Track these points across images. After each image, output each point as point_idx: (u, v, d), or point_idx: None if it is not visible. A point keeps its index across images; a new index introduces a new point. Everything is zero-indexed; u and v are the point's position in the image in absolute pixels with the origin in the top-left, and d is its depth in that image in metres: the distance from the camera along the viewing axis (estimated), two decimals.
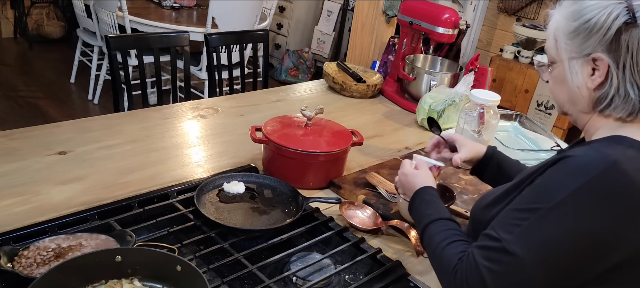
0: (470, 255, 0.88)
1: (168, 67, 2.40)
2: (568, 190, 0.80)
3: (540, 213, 0.82)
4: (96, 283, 0.97)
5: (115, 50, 2.11)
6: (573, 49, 0.88)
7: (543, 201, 0.82)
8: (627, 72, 0.83)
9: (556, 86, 0.95)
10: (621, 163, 0.79)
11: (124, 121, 1.77)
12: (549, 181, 0.84)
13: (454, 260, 0.91)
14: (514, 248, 0.82)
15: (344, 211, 1.37)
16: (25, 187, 1.33)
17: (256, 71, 2.96)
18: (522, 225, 0.83)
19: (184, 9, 4.09)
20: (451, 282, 0.90)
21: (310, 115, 1.54)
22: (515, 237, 0.82)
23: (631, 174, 0.79)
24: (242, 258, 1.14)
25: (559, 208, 0.80)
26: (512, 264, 0.82)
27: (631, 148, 0.83)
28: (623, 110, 0.86)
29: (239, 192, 1.38)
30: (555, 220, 0.80)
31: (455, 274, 0.89)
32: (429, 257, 1.02)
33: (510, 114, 2.19)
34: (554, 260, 0.81)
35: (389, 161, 1.70)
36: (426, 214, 1.06)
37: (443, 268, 0.94)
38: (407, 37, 2.27)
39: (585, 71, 0.88)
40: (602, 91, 0.87)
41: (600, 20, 0.83)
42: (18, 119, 3.69)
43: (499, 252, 0.83)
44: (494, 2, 4.12)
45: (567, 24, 0.88)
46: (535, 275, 0.81)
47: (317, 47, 5.16)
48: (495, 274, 0.83)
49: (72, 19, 4.97)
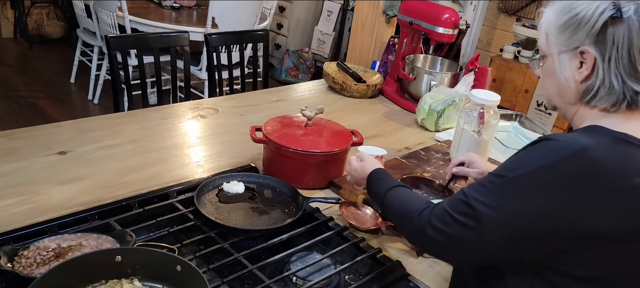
0: (440, 204, 0.96)
1: (168, 67, 2.40)
2: (533, 166, 0.85)
3: (504, 180, 0.88)
4: (96, 283, 0.97)
5: (115, 50, 2.11)
6: (562, 42, 0.92)
7: (511, 170, 0.89)
8: (612, 64, 0.87)
9: (546, 79, 1.00)
10: (589, 148, 0.83)
11: (124, 121, 1.77)
12: (522, 156, 0.90)
13: (419, 208, 0.99)
14: (477, 205, 0.88)
15: (344, 211, 1.37)
16: (25, 187, 1.33)
17: (256, 71, 2.96)
18: (488, 187, 0.89)
19: (184, 9, 4.09)
20: (415, 221, 0.98)
21: (310, 115, 1.54)
22: (480, 195, 0.89)
23: (598, 160, 0.83)
24: (242, 258, 1.14)
25: (520, 179, 0.86)
26: (473, 218, 0.88)
27: (604, 136, 0.87)
28: (607, 101, 0.90)
29: (238, 192, 1.38)
30: (513, 189, 0.86)
31: (420, 214, 0.97)
32: (392, 215, 1.10)
33: (510, 114, 2.19)
34: (506, 226, 0.86)
35: (389, 161, 1.70)
36: (381, 187, 1.15)
37: (407, 214, 1.02)
38: (407, 37, 2.27)
39: (574, 63, 0.92)
40: (589, 82, 0.91)
41: (588, 14, 0.88)
42: (18, 119, 3.69)
43: (464, 205, 0.90)
44: (494, 2, 4.12)
45: (557, 19, 0.93)
46: (490, 234, 0.87)
47: (317, 47, 5.16)
48: (456, 222, 0.90)
49: (72, 19, 4.97)
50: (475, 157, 1.37)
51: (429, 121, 2.02)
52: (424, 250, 1.23)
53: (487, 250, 0.89)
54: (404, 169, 1.65)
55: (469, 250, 0.90)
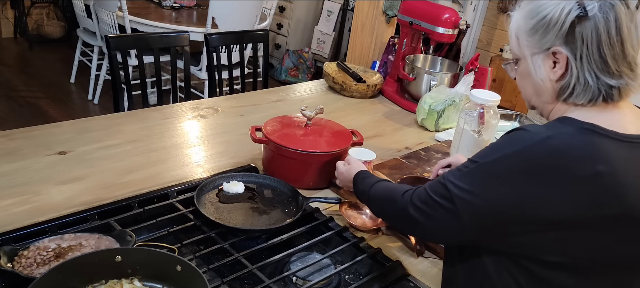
0: (421, 187, 1.01)
1: (168, 67, 2.40)
2: (501, 153, 0.90)
3: (476, 165, 0.93)
4: (96, 283, 0.97)
5: (115, 50, 2.11)
6: (533, 44, 0.95)
7: (483, 156, 0.93)
8: (584, 62, 0.90)
9: (522, 80, 1.03)
10: (552, 137, 0.87)
11: (124, 121, 1.77)
12: (495, 144, 0.95)
13: (403, 190, 1.04)
14: (451, 188, 0.93)
15: (344, 211, 1.37)
16: (25, 187, 1.33)
17: (256, 71, 2.96)
18: (463, 171, 0.94)
19: (184, 9, 4.09)
20: (398, 202, 1.02)
21: (310, 115, 1.54)
22: (455, 179, 0.94)
23: (559, 148, 0.86)
24: (242, 258, 1.14)
25: (489, 165, 0.91)
26: (447, 199, 0.93)
27: (571, 126, 0.90)
28: (584, 97, 0.92)
29: (238, 192, 1.38)
30: (483, 175, 0.91)
31: (402, 194, 1.02)
32: (379, 209, 1.15)
33: (510, 114, 2.19)
34: (476, 208, 0.91)
35: (389, 161, 1.70)
36: (367, 183, 1.18)
37: (392, 198, 1.05)
38: (407, 37, 2.27)
39: (547, 64, 0.94)
40: (564, 81, 0.93)
41: (555, 16, 0.90)
42: (18, 119, 3.69)
43: (441, 187, 0.95)
44: (494, 2, 4.12)
45: (526, 22, 0.96)
46: (462, 215, 0.92)
47: (317, 47, 5.16)
48: (434, 202, 0.95)
49: (72, 19, 4.96)
50: (462, 158, 1.36)
51: (429, 121, 2.02)
52: (406, 231, 1.27)
53: (462, 232, 0.93)
54: (404, 169, 1.65)
55: (445, 230, 0.96)
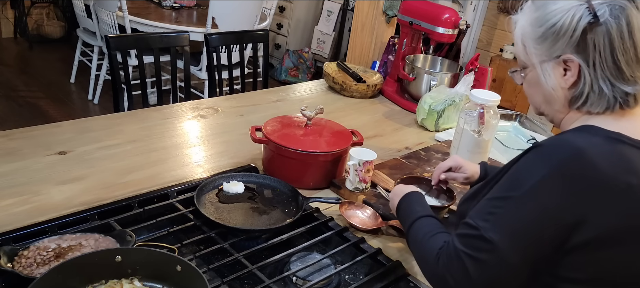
0: (451, 243, 0.92)
1: (168, 67, 2.40)
2: (536, 178, 0.84)
3: (512, 200, 0.86)
4: (96, 283, 0.97)
5: (115, 50, 2.11)
6: (542, 52, 0.91)
7: (514, 189, 0.87)
8: (598, 69, 0.87)
9: (530, 88, 0.99)
10: (585, 149, 0.83)
11: (124, 121, 1.77)
12: (520, 170, 0.89)
13: (436, 248, 0.96)
14: (491, 236, 0.86)
15: (344, 211, 1.37)
16: (25, 187, 1.33)
17: (256, 71, 2.96)
18: (497, 213, 0.87)
19: (184, 9, 4.09)
20: (433, 268, 0.95)
21: (310, 115, 1.54)
22: (491, 225, 0.87)
23: (594, 160, 0.82)
24: (242, 258, 1.14)
25: (528, 195, 0.85)
26: (489, 250, 0.86)
27: (597, 136, 0.86)
28: (599, 105, 0.89)
29: (238, 192, 1.38)
30: (525, 206, 0.85)
31: (437, 260, 0.94)
32: (414, 251, 1.07)
33: (510, 114, 2.19)
34: (527, 244, 0.85)
35: (389, 161, 1.70)
36: (415, 210, 1.12)
37: (426, 257, 0.99)
38: (407, 37, 2.27)
39: (558, 71, 0.91)
40: (577, 89, 0.90)
41: (565, 23, 0.87)
42: (18, 119, 3.69)
43: (477, 239, 0.87)
44: (494, 2, 4.12)
45: (533, 30, 0.92)
46: (511, 259, 0.85)
47: (317, 47, 5.16)
48: (474, 260, 0.87)
49: (72, 19, 4.96)
50: (460, 161, 1.36)
51: (429, 121, 2.02)
52: None
53: (509, 273, 0.87)
54: (404, 169, 1.65)
55: (492, 280, 0.87)
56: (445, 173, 1.38)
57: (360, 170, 1.44)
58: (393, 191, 1.27)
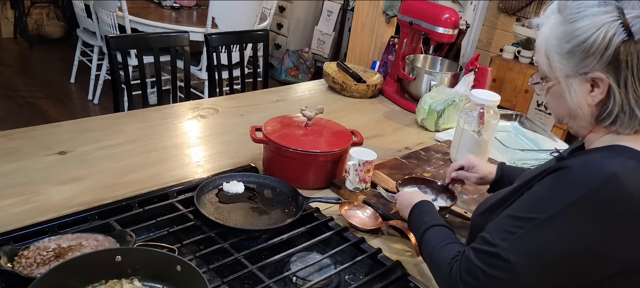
0: (467, 255, 0.90)
1: (168, 67, 2.40)
2: (563, 203, 0.80)
3: (535, 223, 0.82)
4: (96, 283, 0.97)
5: (115, 50, 2.11)
6: (569, 68, 0.85)
7: (538, 211, 0.82)
8: (629, 88, 0.81)
9: (553, 100, 0.93)
10: (619, 175, 0.78)
11: (124, 121, 1.77)
12: (546, 192, 0.84)
13: (449, 258, 0.94)
14: (508, 256, 0.83)
15: (344, 211, 1.37)
16: (25, 187, 1.33)
17: (256, 71, 2.96)
18: (517, 233, 0.83)
19: (184, 9, 4.09)
20: (446, 278, 0.93)
21: (310, 115, 1.54)
22: (509, 244, 0.83)
23: (629, 187, 0.78)
24: (242, 258, 1.14)
25: (553, 220, 0.81)
26: (505, 270, 0.83)
27: (631, 159, 0.81)
28: (630, 126, 0.84)
29: (238, 192, 1.38)
30: (548, 231, 0.81)
31: (450, 271, 0.92)
32: (426, 259, 1.06)
33: (510, 114, 2.19)
34: (546, 269, 0.82)
35: (389, 161, 1.70)
36: (425, 221, 1.11)
37: (439, 266, 0.97)
38: (407, 37, 2.27)
39: (584, 88, 0.85)
40: (605, 108, 0.84)
41: (597, 40, 0.80)
42: (18, 119, 3.69)
43: (494, 257, 0.85)
44: (494, 2, 4.12)
45: (559, 45, 0.85)
46: (527, 282, 0.82)
47: (317, 47, 5.16)
48: (489, 277, 0.85)
49: (72, 19, 4.97)
50: (474, 161, 1.35)
51: (429, 121, 2.02)
52: None
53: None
54: (404, 169, 1.65)
55: None
56: (456, 172, 1.37)
57: (360, 170, 1.44)
58: (399, 202, 1.26)
